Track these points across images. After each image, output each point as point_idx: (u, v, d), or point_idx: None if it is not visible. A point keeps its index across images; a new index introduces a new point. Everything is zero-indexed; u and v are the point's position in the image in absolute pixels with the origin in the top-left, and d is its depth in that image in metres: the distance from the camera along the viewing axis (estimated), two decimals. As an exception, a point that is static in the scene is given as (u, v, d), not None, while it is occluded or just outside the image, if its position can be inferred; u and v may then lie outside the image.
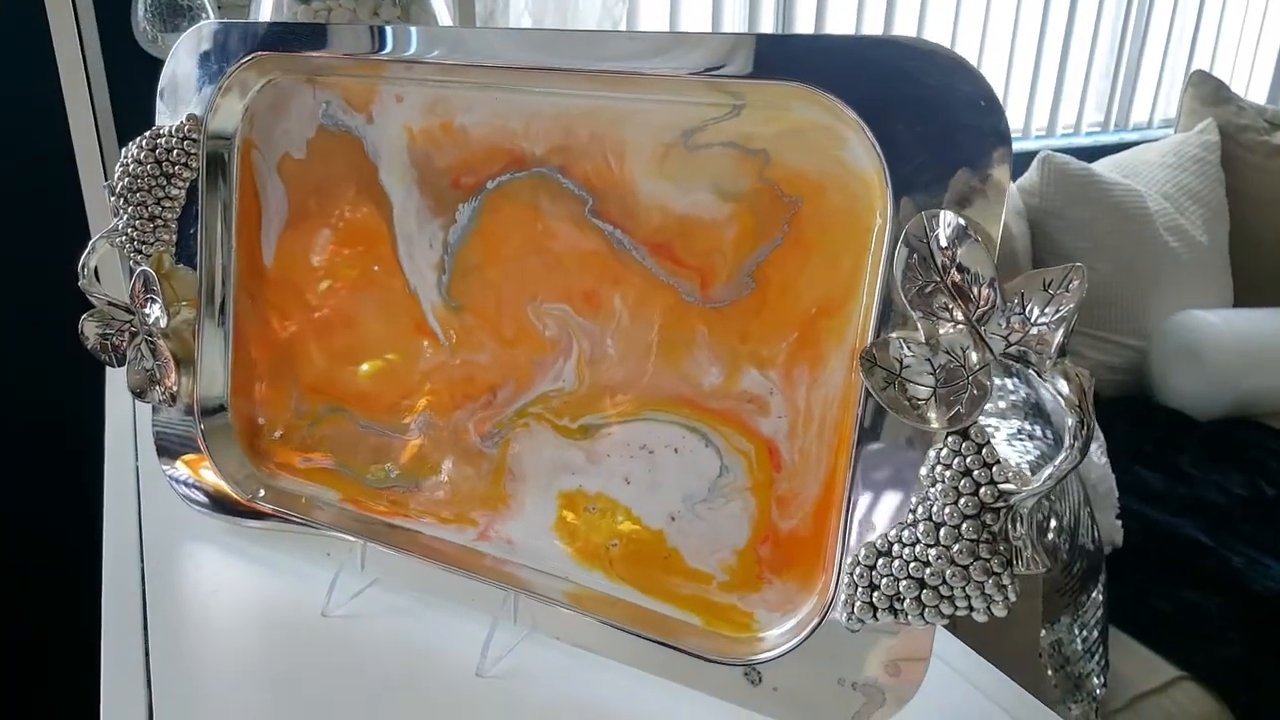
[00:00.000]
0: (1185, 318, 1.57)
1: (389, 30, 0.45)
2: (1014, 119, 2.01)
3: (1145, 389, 1.62)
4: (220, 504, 0.54)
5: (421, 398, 0.49)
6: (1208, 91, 1.82)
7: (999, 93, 1.96)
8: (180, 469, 0.55)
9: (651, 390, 0.43)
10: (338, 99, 0.49)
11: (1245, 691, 1.04)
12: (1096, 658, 0.99)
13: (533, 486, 0.46)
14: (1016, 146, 1.96)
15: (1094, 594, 0.98)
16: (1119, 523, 1.21)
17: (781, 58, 0.37)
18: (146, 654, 0.46)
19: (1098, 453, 1.21)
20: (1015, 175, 1.69)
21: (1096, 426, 1.15)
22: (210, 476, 0.54)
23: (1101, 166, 1.71)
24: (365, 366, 0.50)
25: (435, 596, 0.48)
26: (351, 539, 0.50)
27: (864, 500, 0.37)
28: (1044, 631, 0.92)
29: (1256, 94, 2.23)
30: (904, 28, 1.81)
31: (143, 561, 0.53)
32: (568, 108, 0.42)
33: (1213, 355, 1.52)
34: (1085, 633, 0.96)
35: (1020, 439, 0.94)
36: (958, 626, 0.77)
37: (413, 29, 0.45)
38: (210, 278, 0.53)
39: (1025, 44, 1.95)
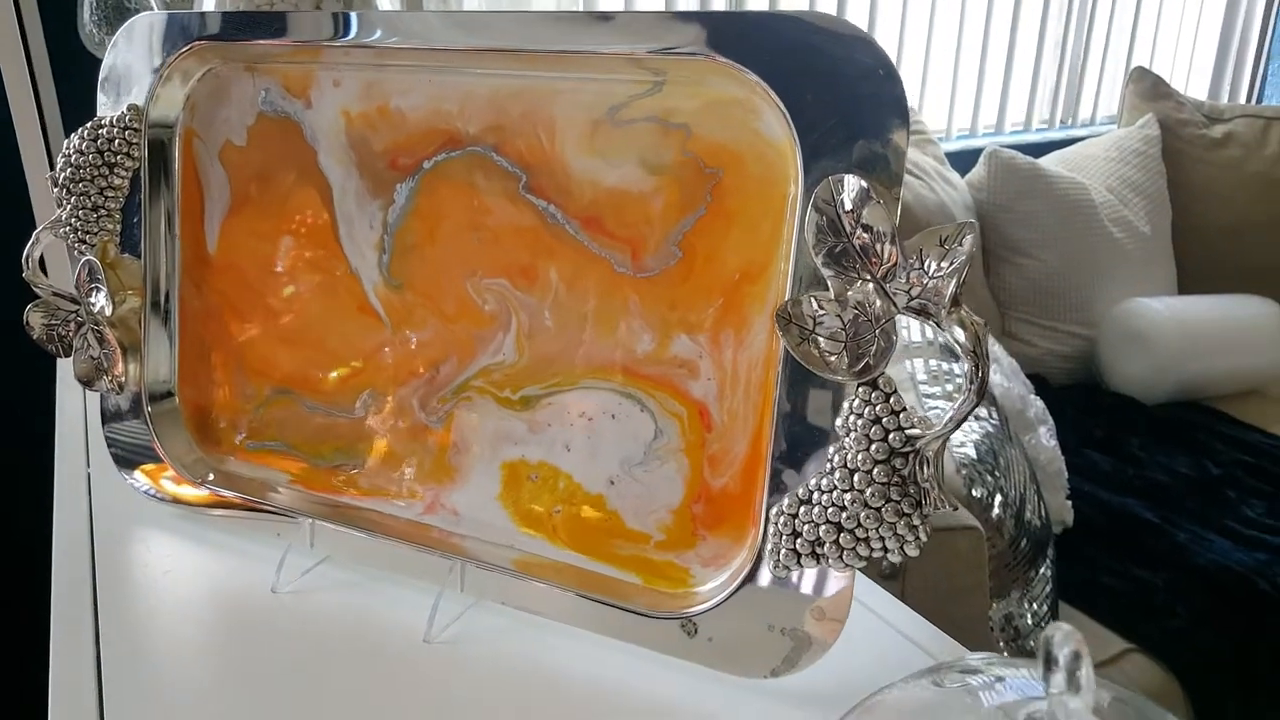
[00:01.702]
0: (1131, 305, 1.62)
1: (325, 17, 0.47)
2: (962, 118, 2.05)
3: (1094, 375, 1.66)
4: (182, 503, 0.55)
5: (365, 376, 0.50)
6: (1147, 87, 1.88)
7: (947, 93, 2.01)
8: (140, 479, 0.56)
9: (588, 359, 0.45)
10: (277, 86, 0.50)
11: (1190, 661, 1.08)
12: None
13: (477, 458, 0.48)
14: (967, 144, 2.01)
15: (1043, 569, 1.00)
16: (1069, 503, 1.24)
17: (697, 34, 0.39)
18: (96, 635, 0.47)
19: (1046, 435, 1.25)
20: (964, 171, 1.73)
21: (1042, 401, 1.17)
22: (170, 487, 0.55)
23: (1047, 161, 1.75)
24: (309, 348, 0.52)
25: (384, 570, 0.49)
26: (301, 519, 0.51)
27: (787, 454, 0.39)
28: (994, 605, 0.94)
29: (1197, 89, 2.30)
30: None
31: (93, 545, 0.54)
32: (499, 87, 0.44)
33: (1158, 341, 1.57)
34: (1035, 606, 0.99)
35: (968, 419, 0.97)
36: (906, 595, 0.79)
37: (349, 14, 0.46)
38: (154, 266, 0.54)
39: (970, 44, 1.99)
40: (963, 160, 1.74)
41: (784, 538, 0.39)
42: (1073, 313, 1.65)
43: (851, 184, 0.36)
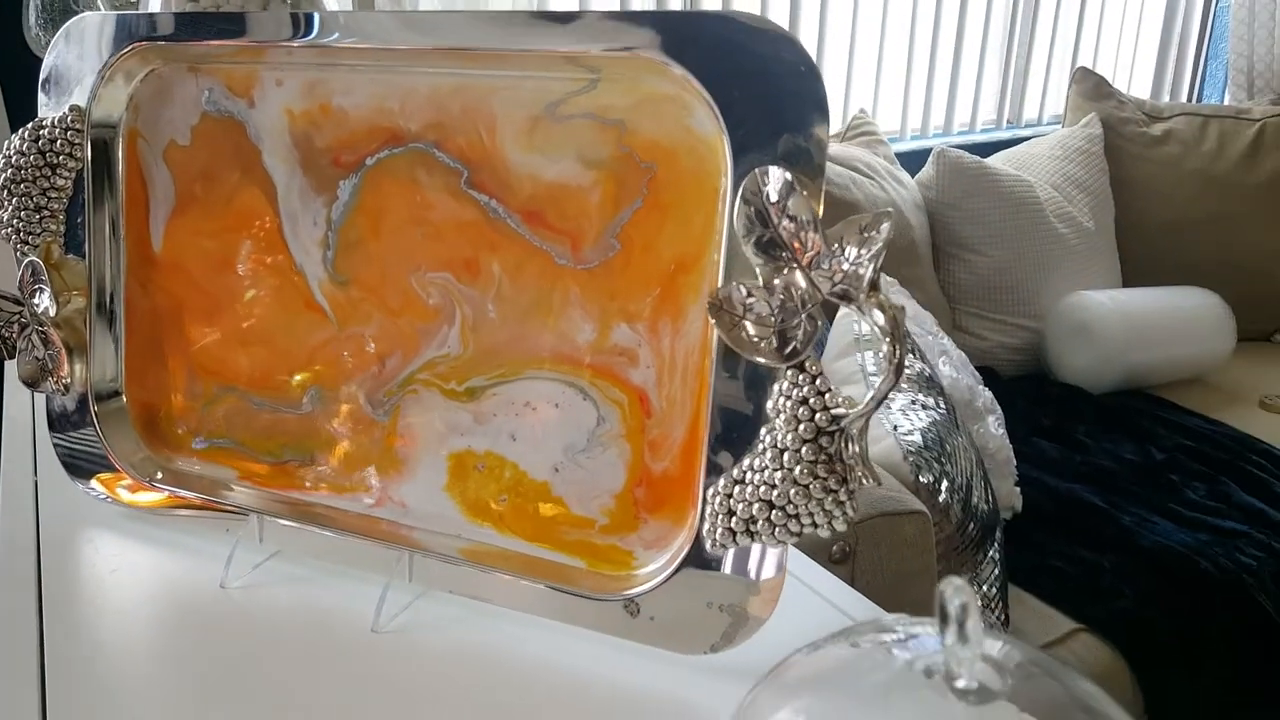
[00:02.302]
0: (1076, 299, 1.66)
1: (267, 17, 0.47)
2: (913, 119, 2.09)
3: (1042, 366, 1.70)
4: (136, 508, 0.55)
5: (312, 372, 0.51)
6: (1090, 87, 1.93)
7: (899, 96, 2.05)
8: (96, 487, 0.56)
9: (532, 350, 0.46)
10: (220, 86, 0.51)
11: (1137, 639, 1.11)
12: (996, 614, 1.04)
13: (424, 450, 0.48)
14: (916, 145, 2.05)
15: (991, 553, 1.03)
16: (1018, 489, 1.27)
17: (633, 33, 0.40)
18: (41, 635, 0.47)
19: (995, 424, 1.28)
20: (914, 171, 1.76)
21: (991, 392, 1.19)
22: (127, 495, 0.55)
23: (994, 160, 1.79)
24: (256, 345, 0.52)
25: (334, 564, 0.50)
26: (250, 514, 0.51)
27: (722, 437, 0.40)
28: (943, 591, 0.96)
29: (1139, 89, 2.36)
30: (806, 34, 1.87)
31: (39, 544, 0.54)
32: (440, 85, 0.45)
33: (1103, 333, 1.61)
34: (984, 589, 1.02)
35: (914, 408, 0.99)
36: (856, 580, 0.81)
37: (310, 14, 0.47)
38: (99, 266, 0.54)
39: (921, 48, 2.03)
40: (916, 160, 1.78)
41: (720, 517, 0.40)
42: (1021, 306, 1.69)
43: (776, 176, 0.37)
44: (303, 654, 0.45)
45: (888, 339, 0.36)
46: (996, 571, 1.04)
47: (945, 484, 0.93)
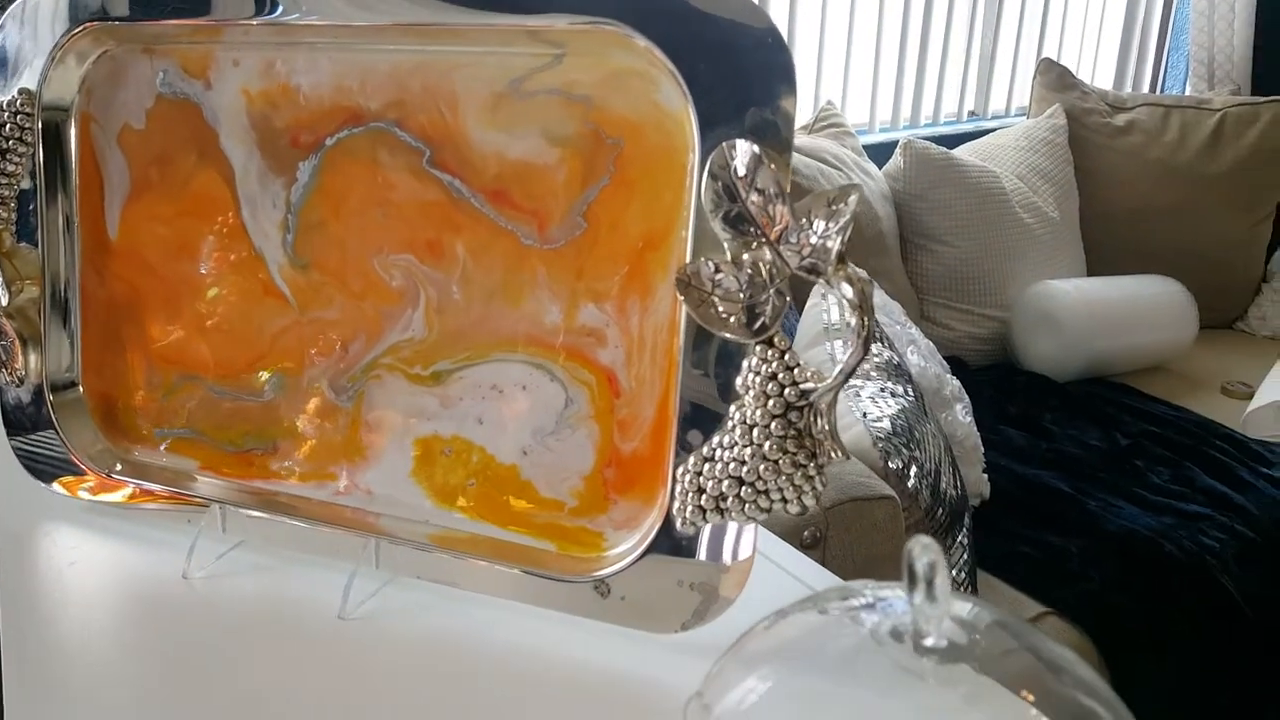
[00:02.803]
0: (1042, 288, 1.68)
1: (222, -5, 0.46)
2: (882, 112, 2.10)
3: (1009, 355, 1.72)
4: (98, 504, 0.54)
5: (274, 359, 0.50)
6: (1054, 78, 1.95)
7: (867, 88, 2.06)
8: (58, 489, 0.54)
9: (498, 332, 0.45)
10: (175, 67, 0.49)
11: (1103, 621, 1.12)
12: (965, 599, 1.05)
13: (389, 436, 0.48)
14: (884, 137, 2.06)
15: (960, 538, 1.04)
16: (985, 476, 1.28)
17: (593, 3, 0.39)
18: (-1, 628, 0.45)
19: (963, 412, 1.29)
20: (881, 163, 1.77)
21: (959, 380, 1.20)
22: (88, 497, 0.54)
23: (960, 152, 1.81)
24: (216, 332, 0.51)
25: (299, 552, 0.49)
26: (212, 504, 0.50)
27: (692, 416, 0.40)
28: (914, 576, 0.97)
29: (1103, 79, 2.39)
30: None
31: (-6, 541, 0.52)
32: (399, 63, 0.44)
33: (1068, 321, 1.63)
34: (953, 574, 1.02)
35: (884, 396, 1.00)
36: (826, 564, 0.81)
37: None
38: (53, 254, 0.52)
39: (890, 41, 2.04)
40: (884, 152, 1.79)
41: (690, 495, 0.40)
42: (987, 296, 1.71)
43: (744, 149, 0.37)
44: (269, 643, 0.44)
45: (856, 311, 0.36)
46: (965, 557, 1.04)
47: (914, 470, 0.93)
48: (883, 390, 1.01)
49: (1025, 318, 1.67)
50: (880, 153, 1.78)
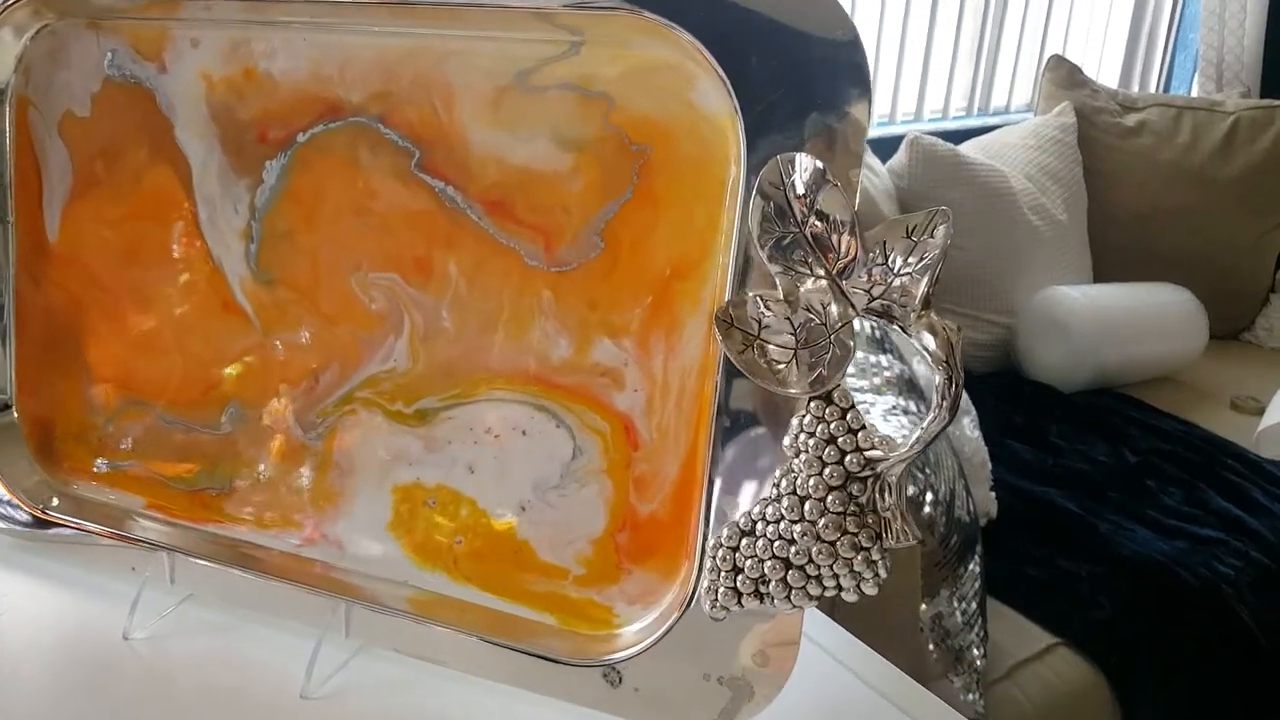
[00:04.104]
0: (1049, 294, 1.62)
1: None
2: (881, 105, 2.04)
3: (1013, 364, 1.66)
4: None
5: (233, 386, 0.43)
6: (1063, 75, 1.89)
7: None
8: None
9: (495, 367, 0.39)
10: (125, 46, 0.43)
11: (1115, 654, 1.08)
12: (976, 629, 1.00)
13: (364, 481, 0.41)
14: (885, 132, 2.00)
15: (971, 566, 0.98)
16: (993, 494, 1.23)
17: (620, -15, 0.33)
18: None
19: (970, 426, 1.23)
20: (885, 158, 1.71)
21: (964, 390, 1.16)
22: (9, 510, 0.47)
23: (967, 149, 1.75)
24: (167, 353, 0.44)
25: (257, 612, 0.43)
26: (159, 550, 0.44)
27: (726, 477, 0.34)
28: (924, 605, 0.92)
29: (1108, 78, 2.34)
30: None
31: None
32: (387, 48, 0.38)
33: (1076, 329, 1.58)
34: (964, 605, 0.97)
35: (895, 415, 0.94)
36: (837, 604, 0.75)
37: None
38: (-21, 255, 0.45)
39: (890, 32, 1.98)
40: (883, 146, 1.73)
41: (723, 574, 0.34)
42: (991, 300, 1.65)
43: (805, 164, 0.30)
44: (217, 727, 0.38)
45: (941, 367, 0.29)
46: (977, 586, 0.99)
47: (929, 496, 0.87)
48: (894, 408, 0.95)
49: (1032, 324, 1.61)
50: (880, 147, 1.72)
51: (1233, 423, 1.54)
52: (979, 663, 1.00)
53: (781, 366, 0.31)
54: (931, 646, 0.94)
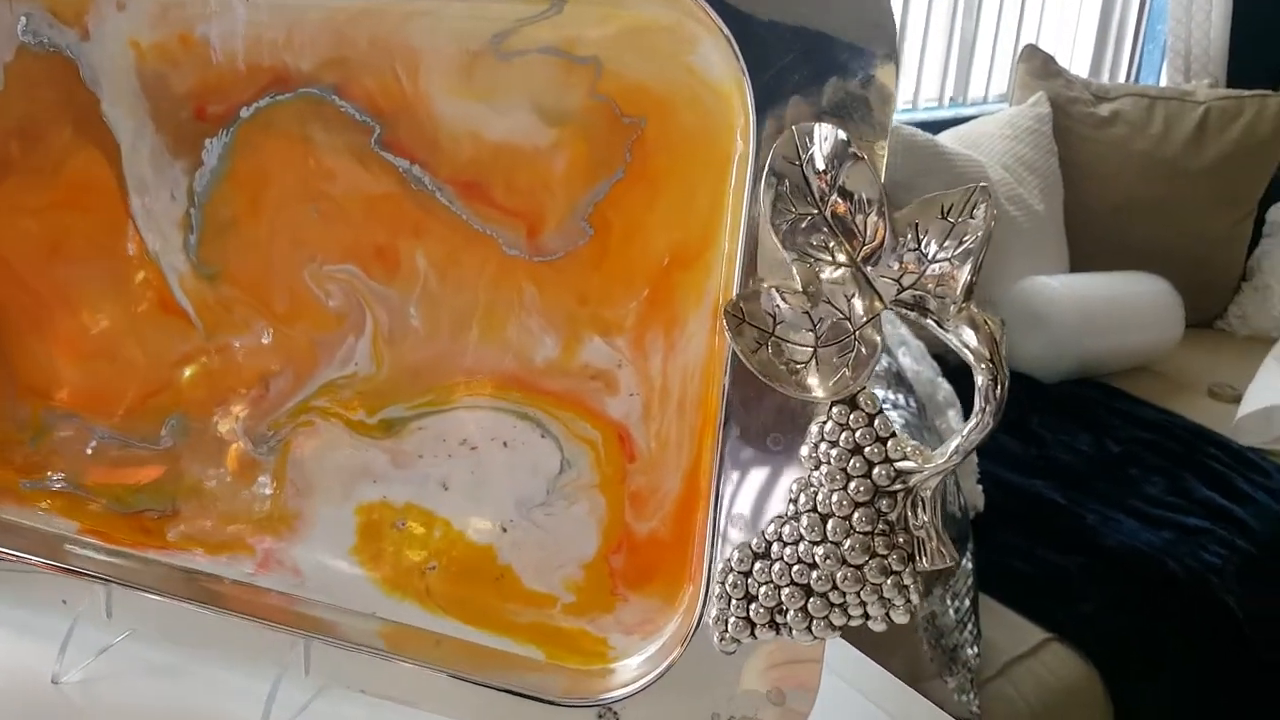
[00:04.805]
0: (1028, 284, 1.60)
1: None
2: (858, 93, 2.02)
3: (994, 355, 1.65)
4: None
5: (173, 395, 0.38)
6: (1038, 65, 1.88)
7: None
8: None
9: (470, 370, 0.35)
10: (41, 9, 0.38)
11: (1107, 647, 1.06)
12: (969, 627, 0.97)
13: (324, 501, 0.37)
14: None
15: (963, 562, 0.96)
16: (980, 487, 1.21)
17: (609, -69, 0.29)
18: None
19: (956, 419, 1.21)
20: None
21: (948, 383, 1.12)
22: None
23: (944, 139, 1.73)
24: (98, 359, 0.39)
25: (205, 649, 0.38)
26: (94, 581, 0.39)
27: (736, 492, 0.30)
28: (919, 605, 0.89)
29: (1079, 68, 2.33)
30: None
31: None
32: (339, 9, 0.34)
33: (1056, 320, 1.56)
34: (957, 603, 0.94)
35: (887, 410, 0.90)
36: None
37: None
38: (-120, 251, 0.40)
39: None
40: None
41: (733, 602, 0.30)
42: (972, 292, 1.63)
43: (825, 136, 0.27)
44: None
45: (985, 366, 0.26)
46: (969, 583, 0.96)
47: (924, 493, 0.84)
48: (884, 402, 0.92)
49: (1011, 315, 1.60)
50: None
51: (1210, 411, 1.53)
52: (973, 661, 0.97)
53: (801, 367, 0.28)
54: (926, 647, 0.92)
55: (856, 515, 0.28)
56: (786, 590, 0.29)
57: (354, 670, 0.36)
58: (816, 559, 0.28)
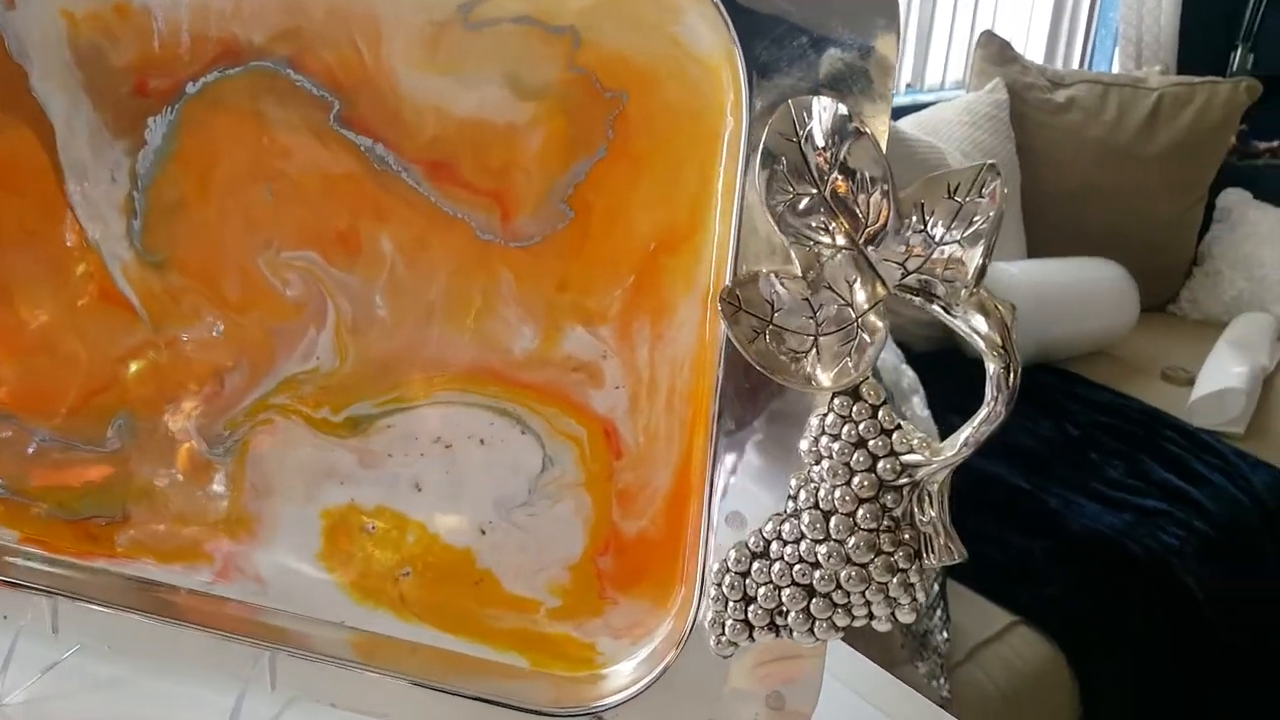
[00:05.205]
0: (989, 271, 1.61)
1: None
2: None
3: (954, 342, 1.65)
4: None
5: (119, 393, 0.36)
6: (994, 52, 1.89)
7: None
8: None
9: (443, 363, 0.33)
10: (-37, -25, 0.34)
11: (1071, 629, 1.07)
12: (939, 612, 0.97)
13: (286, 504, 0.35)
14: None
15: (932, 550, 0.95)
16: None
17: (590, -111, 0.27)
18: None
19: (920, 405, 1.21)
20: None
21: (911, 369, 1.11)
22: None
23: (904, 125, 1.73)
24: (36, 354, 0.36)
25: (162, 664, 0.35)
26: (37, 593, 0.36)
27: (730, 488, 0.28)
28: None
29: (1034, 55, 2.35)
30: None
31: None
32: (295, -26, 0.31)
33: (1016, 305, 1.57)
34: (929, 585, 0.94)
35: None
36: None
37: None
38: None
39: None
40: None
41: (731, 604, 0.28)
42: (932, 278, 1.64)
43: (825, 110, 0.25)
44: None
45: (997, 354, 0.24)
46: (938, 571, 0.96)
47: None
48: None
49: (971, 301, 1.61)
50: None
51: (1165, 394, 1.55)
52: (943, 647, 0.97)
53: (802, 356, 0.26)
54: (897, 633, 0.91)
55: (861, 512, 0.26)
56: (787, 591, 0.27)
57: (323, 682, 0.34)
58: (819, 558, 0.27)
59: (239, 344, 0.34)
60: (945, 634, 0.98)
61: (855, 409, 0.26)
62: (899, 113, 1.90)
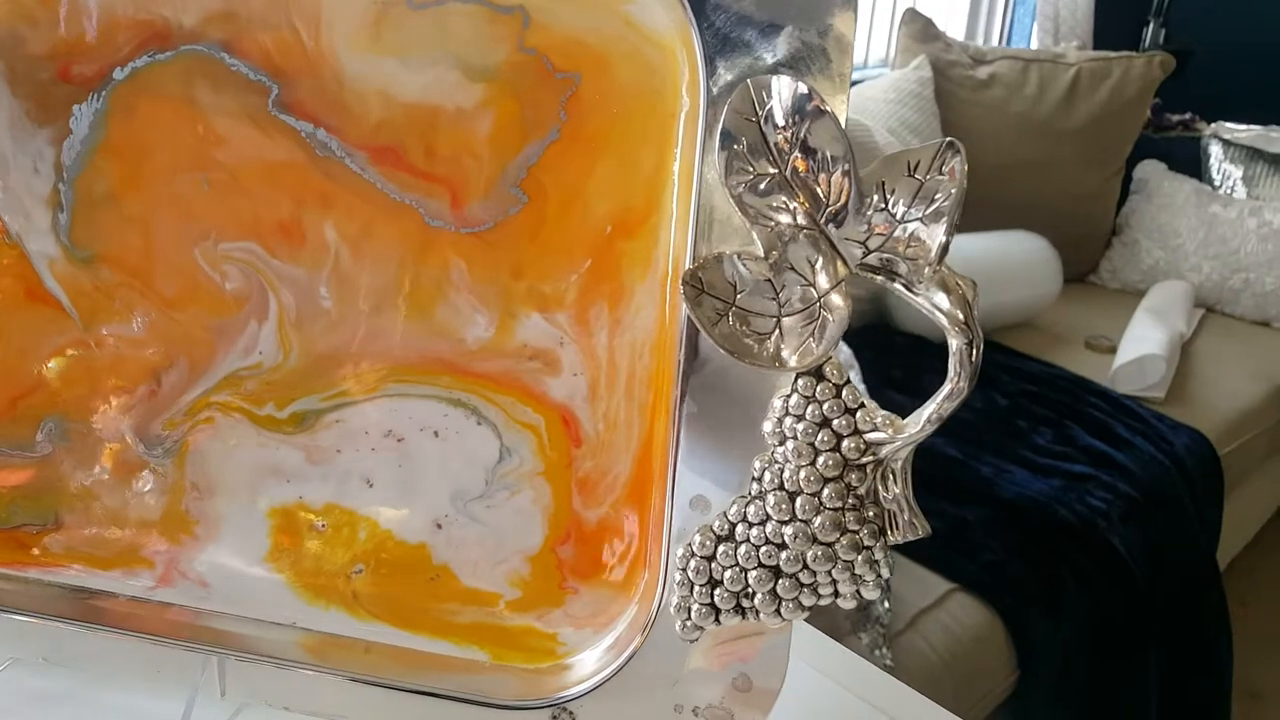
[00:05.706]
0: (917, 245, 1.64)
1: None
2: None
3: (885, 316, 1.68)
4: None
5: (48, 395, 0.34)
6: (918, 29, 1.91)
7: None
8: None
9: (393, 355, 0.32)
10: None
11: (1008, 594, 1.10)
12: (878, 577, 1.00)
13: (230, 504, 0.33)
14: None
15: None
16: (882, 447, 1.23)
17: None
18: None
19: (856, 379, 1.23)
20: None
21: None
22: None
23: (833, 102, 1.75)
24: (-47, 357, 0.34)
25: (102, 674, 0.34)
26: (-38, 609, 0.34)
27: (693, 472, 0.28)
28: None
29: (954, 32, 2.39)
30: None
31: None
32: (226, -49, 0.29)
33: (943, 279, 1.61)
34: (876, 556, 0.96)
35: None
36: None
37: None
38: None
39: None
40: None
41: (696, 588, 0.28)
42: (864, 254, 1.66)
43: (784, 88, 0.25)
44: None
45: (959, 331, 0.25)
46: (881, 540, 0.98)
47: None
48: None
49: (903, 276, 1.64)
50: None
51: (1089, 362, 1.61)
52: (885, 617, 0.99)
53: (765, 338, 0.26)
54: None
55: (826, 491, 0.26)
56: (754, 573, 0.27)
57: (275, 685, 0.32)
58: (785, 538, 0.27)
59: (176, 341, 0.32)
60: (886, 604, 1.00)
61: (819, 389, 0.26)
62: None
